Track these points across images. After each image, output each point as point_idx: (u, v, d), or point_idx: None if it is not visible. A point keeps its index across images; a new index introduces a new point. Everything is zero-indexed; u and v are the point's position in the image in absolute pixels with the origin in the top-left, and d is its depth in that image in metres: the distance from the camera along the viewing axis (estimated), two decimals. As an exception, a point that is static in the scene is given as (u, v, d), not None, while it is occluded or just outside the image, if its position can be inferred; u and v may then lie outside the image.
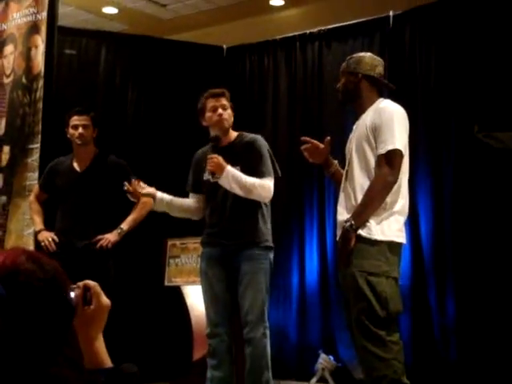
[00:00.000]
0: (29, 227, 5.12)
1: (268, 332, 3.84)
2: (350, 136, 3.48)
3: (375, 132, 3.21)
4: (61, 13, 5.32)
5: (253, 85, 6.38)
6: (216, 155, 3.76)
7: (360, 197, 3.20)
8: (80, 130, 4.44)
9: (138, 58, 6.20)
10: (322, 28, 6.03)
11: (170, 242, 5.62)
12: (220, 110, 3.92)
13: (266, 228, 3.91)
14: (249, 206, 3.84)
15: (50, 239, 4.40)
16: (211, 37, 6.62)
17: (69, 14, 6.38)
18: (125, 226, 4.43)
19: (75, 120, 4.47)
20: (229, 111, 3.95)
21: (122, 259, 4.71)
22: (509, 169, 4.69)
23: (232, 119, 3.98)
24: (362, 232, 3.14)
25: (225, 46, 6.49)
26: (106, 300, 1.52)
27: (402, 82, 5.42)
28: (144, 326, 5.71)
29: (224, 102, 3.95)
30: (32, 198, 4.72)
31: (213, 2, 6.77)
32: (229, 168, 3.74)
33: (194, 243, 5.31)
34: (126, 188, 3.87)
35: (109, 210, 4.46)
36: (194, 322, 5.44)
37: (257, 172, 3.83)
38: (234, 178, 3.74)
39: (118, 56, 6.17)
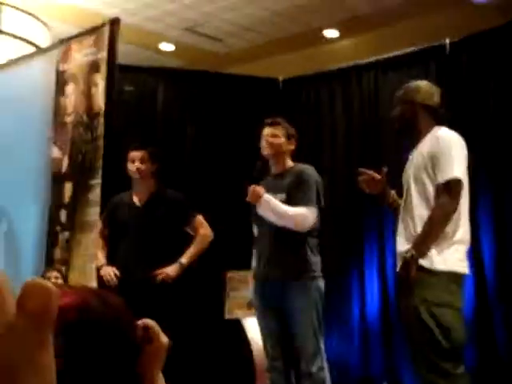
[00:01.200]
0: (91, 262, 5.20)
1: (325, 364, 3.82)
2: (407, 165, 3.46)
3: (433, 161, 3.20)
4: (120, 51, 5.44)
5: (309, 116, 6.39)
6: (254, 185, 3.82)
7: (420, 227, 3.16)
8: (137, 163, 4.52)
9: (195, 93, 6.29)
10: (378, 57, 6.02)
11: (229, 275, 5.63)
12: (269, 139, 4.01)
13: (313, 258, 3.88)
14: (293, 236, 3.83)
15: (112, 274, 4.46)
16: (267, 69, 6.68)
17: (127, 53, 6.52)
18: (184, 259, 4.46)
19: (132, 154, 4.56)
20: (281, 139, 4.00)
21: (182, 293, 4.74)
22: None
23: (284, 148, 4.01)
24: (423, 262, 3.10)
25: (280, 78, 6.54)
26: (165, 338, 1.53)
27: (459, 111, 5.37)
28: (205, 361, 5.71)
29: (276, 130, 4.02)
30: (96, 233, 4.81)
31: (268, 34, 6.85)
32: (265, 196, 3.78)
33: (254, 275, 5.31)
34: None
35: (168, 244, 4.50)
36: (255, 355, 5.42)
37: (297, 200, 3.85)
38: (268, 205, 3.78)
39: (176, 91, 6.27)
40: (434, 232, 3.12)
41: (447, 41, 5.54)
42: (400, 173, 3.56)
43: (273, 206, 3.78)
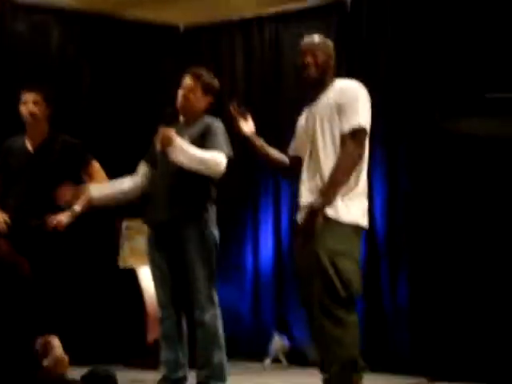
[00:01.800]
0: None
1: (218, 313, 3.85)
2: (305, 115, 3.45)
3: (339, 110, 3.21)
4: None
5: (209, 66, 6.25)
6: (167, 128, 3.75)
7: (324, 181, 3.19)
8: (30, 106, 4.34)
9: (90, 36, 6.07)
10: (279, 10, 6.00)
11: (124, 223, 5.57)
12: (181, 91, 3.94)
13: (211, 206, 3.90)
14: (195, 180, 3.79)
15: (2, 220, 4.31)
16: (167, 15, 6.50)
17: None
18: (77, 206, 4.35)
19: (25, 96, 4.37)
20: (197, 94, 3.94)
21: (76, 240, 4.65)
22: (463, 154, 4.75)
23: (199, 103, 3.96)
24: (329, 211, 3.13)
25: (181, 26, 6.42)
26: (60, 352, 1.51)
27: (359, 65, 5.46)
28: (99, 309, 5.66)
29: (188, 81, 3.95)
30: None
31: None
32: (178, 141, 3.72)
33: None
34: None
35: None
36: (148, 304, 5.43)
37: (209, 146, 3.81)
38: (183, 150, 3.71)
39: (70, 33, 6.03)
40: (340, 180, 3.14)
41: (348, -4, 5.58)
42: (296, 120, 3.59)
43: (186, 150, 3.71)
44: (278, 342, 5.56)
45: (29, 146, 4.43)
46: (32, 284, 3.59)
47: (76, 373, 4.16)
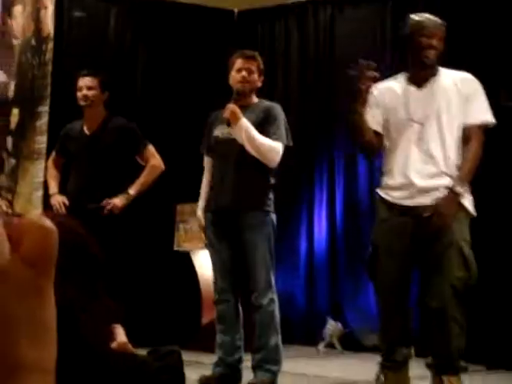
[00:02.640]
0: (37, 190, 5.12)
1: (276, 297, 3.87)
2: (401, 94, 3.33)
3: (467, 101, 3.21)
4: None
5: (264, 50, 6.29)
6: (234, 105, 3.76)
7: (449, 166, 3.18)
8: (84, 91, 4.39)
9: (147, 22, 6.12)
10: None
11: (179, 207, 5.61)
12: (244, 73, 3.90)
13: (271, 193, 3.91)
14: (257, 168, 3.82)
15: (61, 203, 4.39)
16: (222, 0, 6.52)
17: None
18: (132, 190, 4.40)
19: (80, 82, 4.43)
20: (255, 76, 3.92)
21: (132, 224, 4.71)
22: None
23: (257, 84, 3.97)
24: (465, 202, 3.16)
25: (236, 10, 6.41)
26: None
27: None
28: (154, 291, 5.72)
29: (252, 65, 3.93)
30: (49, 162, 4.70)
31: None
32: (244, 119, 3.74)
33: (204, 208, 5.30)
34: None
35: (118, 174, 4.43)
36: (202, 287, 5.46)
37: (269, 135, 3.83)
38: (247, 130, 3.74)
39: (128, 19, 6.09)
40: (474, 171, 3.19)
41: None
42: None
43: (250, 131, 3.73)
44: (332, 327, 5.54)
45: (86, 130, 4.50)
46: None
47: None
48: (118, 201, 4.33)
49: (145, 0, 6.26)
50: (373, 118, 3.35)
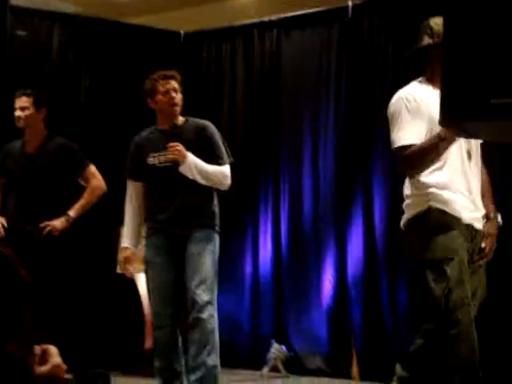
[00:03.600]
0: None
1: (216, 315, 3.75)
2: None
3: None
4: (13, -8, 5.18)
5: (210, 71, 6.31)
6: (177, 143, 3.70)
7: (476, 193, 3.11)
8: (18, 112, 4.34)
9: (92, 41, 6.06)
10: (281, 16, 5.98)
11: (122, 229, 5.52)
12: (172, 93, 3.83)
13: (216, 210, 3.89)
14: (201, 189, 3.79)
15: (0, 225, 4.29)
16: (169, 22, 6.51)
17: (22, -6, 6.20)
18: (72, 212, 4.33)
19: (16, 103, 4.38)
20: (180, 95, 3.86)
21: (73, 246, 4.62)
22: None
23: (182, 103, 3.89)
24: None
25: (182, 32, 6.41)
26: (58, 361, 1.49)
27: (359, 72, 5.45)
28: (97, 315, 5.61)
29: (175, 84, 3.85)
30: None
31: (170, -15, 6.67)
32: (190, 156, 3.70)
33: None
34: None
35: (58, 194, 4.34)
36: (146, 311, 5.38)
37: (213, 158, 3.80)
38: (196, 166, 3.71)
39: (72, 38, 6.02)
40: None
41: (350, 3, 5.56)
42: (300, 130, 3.54)
43: (201, 167, 3.72)
44: (277, 350, 5.51)
45: (26, 149, 4.42)
46: (32, 290, 3.54)
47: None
48: (57, 223, 4.25)
49: (90, 18, 6.21)
50: (418, 132, 2.99)
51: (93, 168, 4.43)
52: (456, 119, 1.75)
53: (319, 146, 5.63)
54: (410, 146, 2.97)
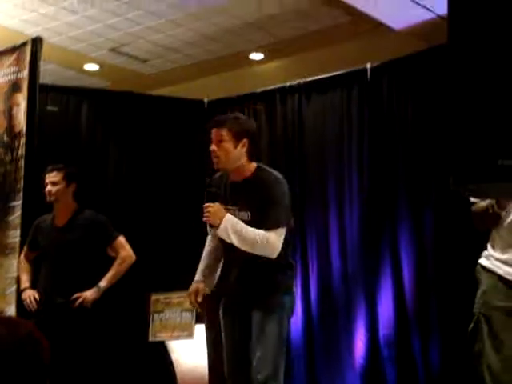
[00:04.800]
0: (11, 286, 5.08)
1: None
2: None
3: None
4: (42, 70, 5.37)
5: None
6: (212, 204, 3.33)
7: None
8: (48, 187, 4.45)
9: (119, 114, 6.25)
10: (301, 81, 6.11)
11: (153, 297, 5.59)
12: (212, 146, 3.35)
13: (280, 276, 3.45)
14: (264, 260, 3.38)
15: (32, 298, 4.38)
16: (192, 91, 6.69)
17: (50, 72, 6.44)
18: (103, 283, 4.40)
19: (46, 178, 4.49)
20: (225, 144, 3.32)
21: (104, 316, 4.68)
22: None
23: (234, 152, 3.33)
24: None
25: (206, 100, 6.56)
26: None
27: (380, 132, 5.52)
28: (129, 383, 5.64)
29: (220, 133, 3.33)
30: (22, 256, 4.71)
31: (193, 56, 6.87)
32: (227, 218, 3.30)
33: (178, 297, 5.29)
34: None
35: (88, 266, 4.42)
36: (179, 377, 5.39)
37: (266, 219, 3.33)
38: (233, 230, 3.30)
39: (100, 112, 6.22)
40: None
41: (368, 65, 5.67)
42: (324, 192, 3.54)
43: (238, 231, 3.30)
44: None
45: (56, 223, 4.52)
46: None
47: None
48: (88, 294, 4.33)
49: (117, 92, 6.41)
50: None
51: (122, 239, 4.51)
52: (463, 181, 1.79)
53: (344, 206, 5.67)
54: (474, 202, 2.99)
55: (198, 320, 5.12)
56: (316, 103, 5.99)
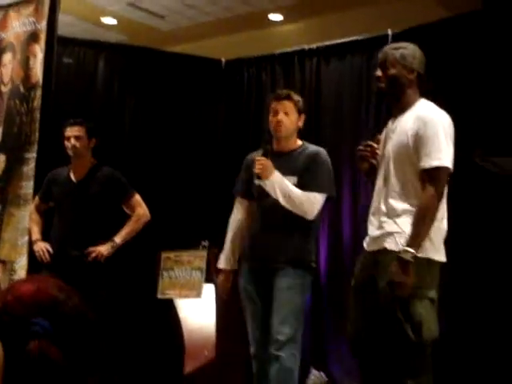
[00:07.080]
0: (23, 236, 5.09)
1: (298, 355, 3.61)
2: (386, 135, 3.21)
3: (417, 143, 2.96)
4: (60, 22, 5.32)
5: (250, 99, 6.39)
6: (264, 158, 3.59)
7: (391, 206, 3.03)
8: (72, 141, 4.44)
9: (136, 69, 6.20)
10: (321, 44, 6.04)
11: (164, 255, 5.59)
12: (279, 116, 3.71)
13: (311, 247, 3.73)
14: (298, 220, 3.63)
15: (45, 250, 4.40)
16: (209, 49, 6.63)
17: (68, 24, 6.38)
18: (118, 238, 4.42)
19: (68, 131, 4.49)
20: (291, 117, 3.71)
21: (116, 271, 4.70)
22: (503, 193, 4.68)
23: (294, 126, 3.74)
24: (419, 254, 2.91)
25: (223, 59, 6.50)
26: None
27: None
28: (136, 338, 5.68)
29: (287, 106, 3.72)
30: (32, 208, 4.72)
31: (211, 14, 6.79)
32: (276, 174, 3.57)
33: (189, 256, 5.30)
34: None
35: (103, 222, 4.45)
36: (186, 336, 5.42)
37: (310, 185, 3.64)
38: (279, 184, 3.57)
39: (116, 66, 6.17)
40: (426, 228, 2.92)
41: (390, 32, 5.59)
42: (338, 158, 3.54)
43: (284, 186, 3.56)
44: (316, 378, 5.50)
45: (73, 177, 4.53)
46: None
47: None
48: (103, 249, 4.35)
49: (134, 47, 6.36)
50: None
51: (138, 197, 4.52)
52: (490, 154, 1.79)
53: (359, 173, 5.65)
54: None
55: (208, 280, 5.13)
56: (335, 67, 5.92)
